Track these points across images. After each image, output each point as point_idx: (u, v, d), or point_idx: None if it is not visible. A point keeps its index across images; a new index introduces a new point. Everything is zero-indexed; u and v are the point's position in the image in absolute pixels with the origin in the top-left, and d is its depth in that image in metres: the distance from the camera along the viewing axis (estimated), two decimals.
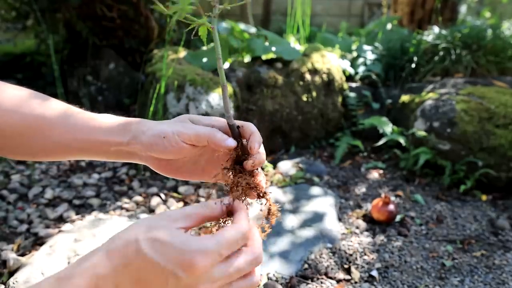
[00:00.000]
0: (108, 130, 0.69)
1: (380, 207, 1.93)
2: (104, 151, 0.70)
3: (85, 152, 0.71)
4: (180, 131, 0.65)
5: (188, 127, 0.65)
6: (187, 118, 0.69)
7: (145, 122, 0.69)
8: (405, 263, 1.67)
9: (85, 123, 0.70)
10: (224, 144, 0.64)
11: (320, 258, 1.68)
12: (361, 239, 1.82)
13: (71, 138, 0.69)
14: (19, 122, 0.67)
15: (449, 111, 2.39)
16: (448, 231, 1.91)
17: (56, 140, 0.69)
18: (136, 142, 0.68)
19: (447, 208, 2.11)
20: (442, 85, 2.75)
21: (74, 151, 0.71)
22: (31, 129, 0.68)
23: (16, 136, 0.68)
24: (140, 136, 0.67)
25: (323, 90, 2.89)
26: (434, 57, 3.12)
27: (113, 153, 0.71)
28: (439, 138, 2.38)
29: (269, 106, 2.67)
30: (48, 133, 0.68)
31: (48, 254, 1.56)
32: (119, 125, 0.69)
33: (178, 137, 0.65)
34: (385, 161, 2.71)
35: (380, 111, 2.99)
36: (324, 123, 2.94)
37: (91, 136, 0.69)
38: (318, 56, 2.95)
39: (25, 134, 0.68)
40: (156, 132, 0.65)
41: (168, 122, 0.68)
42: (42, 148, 0.70)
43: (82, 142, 0.70)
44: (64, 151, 0.71)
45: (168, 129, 0.65)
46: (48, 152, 0.71)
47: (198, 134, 0.65)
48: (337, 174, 2.50)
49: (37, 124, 0.68)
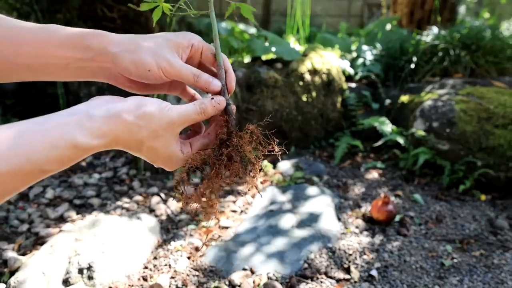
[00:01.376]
0: (62, 44, 0.61)
1: (379, 207, 1.92)
2: (59, 68, 0.63)
3: (35, 71, 0.62)
4: (166, 69, 0.63)
5: (174, 65, 0.63)
6: (170, 46, 0.64)
7: (106, 35, 0.62)
8: (404, 262, 1.67)
9: (32, 34, 0.59)
10: (210, 87, 0.66)
11: (320, 257, 1.67)
12: (360, 239, 1.82)
13: (14, 52, 0.59)
14: None
15: (448, 111, 2.39)
16: (447, 230, 1.91)
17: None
18: (106, 60, 0.62)
19: (446, 208, 2.10)
20: (441, 86, 2.75)
21: (21, 69, 0.61)
22: None
23: None
24: (109, 54, 0.62)
25: (322, 90, 2.89)
26: (433, 57, 3.11)
27: (72, 70, 0.63)
28: (438, 138, 2.38)
29: (269, 106, 2.66)
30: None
31: (49, 253, 1.56)
32: (74, 37, 0.61)
33: (163, 73, 0.63)
34: (385, 161, 2.71)
35: (380, 111, 2.99)
36: (323, 123, 2.93)
37: (41, 50, 0.60)
38: (317, 56, 2.94)
39: None
40: (139, 61, 0.62)
41: (149, 48, 0.62)
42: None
43: (30, 58, 0.60)
44: (8, 69, 0.61)
45: (153, 62, 0.62)
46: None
47: (184, 75, 0.64)
48: (337, 174, 2.50)
49: None
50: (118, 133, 0.55)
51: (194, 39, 0.67)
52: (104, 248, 1.58)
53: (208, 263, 1.64)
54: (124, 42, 0.62)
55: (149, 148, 0.59)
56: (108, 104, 0.56)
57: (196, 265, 1.63)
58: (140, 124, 0.57)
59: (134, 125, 0.56)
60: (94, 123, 0.53)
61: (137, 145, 0.58)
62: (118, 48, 0.61)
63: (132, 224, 1.79)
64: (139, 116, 0.56)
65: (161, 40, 0.63)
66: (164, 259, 1.67)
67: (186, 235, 1.85)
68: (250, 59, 2.86)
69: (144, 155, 0.61)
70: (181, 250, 1.72)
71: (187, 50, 0.66)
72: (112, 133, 0.55)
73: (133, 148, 0.59)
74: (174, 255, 1.70)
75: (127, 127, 0.56)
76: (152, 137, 0.58)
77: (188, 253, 1.71)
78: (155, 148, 0.60)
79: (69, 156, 0.52)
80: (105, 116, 0.54)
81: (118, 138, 0.56)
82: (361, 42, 3.81)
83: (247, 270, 1.59)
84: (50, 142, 0.49)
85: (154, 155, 0.61)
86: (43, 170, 0.50)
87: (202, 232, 1.87)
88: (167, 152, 0.61)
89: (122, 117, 0.55)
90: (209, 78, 0.66)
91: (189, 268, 1.61)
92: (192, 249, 1.74)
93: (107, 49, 0.61)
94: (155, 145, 0.59)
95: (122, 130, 0.56)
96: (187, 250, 1.73)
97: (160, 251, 1.72)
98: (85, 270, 1.49)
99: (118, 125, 0.55)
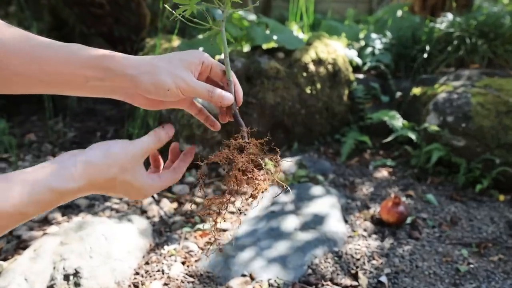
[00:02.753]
0: (83, 64, 0.70)
1: (389, 208, 1.92)
2: (77, 85, 0.71)
3: (54, 86, 0.71)
4: (184, 88, 0.74)
5: (190, 83, 0.74)
6: (184, 65, 0.75)
7: (124, 57, 0.72)
8: (416, 268, 1.66)
9: (53, 52, 0.68)
10: (223, 101, 0.79)
11: (325, 263, 1.67)
12: (369, 243, 1.82)
13: (37, 69, 0.67)
14: None
15: (464, 105, 2.38)
16: (463, 233, 1.91)
17: (16, 70, 0.66)
18: (124, 81, 0.72)
19: (462, 209, 2.10)
20: (456, 77, 2.74)
21: (41, 85, 0.70)
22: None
23: None
24: (127, 76, 0.72)
25: (328, 82, 2.88)
26: (448, 46, 3.10)
27: (90, 88, 0.72)
28: (453, 134, 2.37)
29: (270, 99, 2.66)
30: (6, 61, 0.66)
31: (32, 258, 1.55)
32: (94, 58, 0.70)
33: (181, 92, 0.74)
34: (395, 158, 2.71)
35: (390, 104, 2.98)
36: (329, 117, 2.93)
37: (62, 68, 0.68)
38: (322, 45, 2.94)
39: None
40: (158, 82, 0.72)
41: (166, 69, 0.73)
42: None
43: (51, 75, 0.68)
44: (28, 83, 0.69)
45: (172, 82, 0.73)
46: (6, 84, 0.68)
47: (200, 92, 0.76)
48: (343, 173, 2.50)
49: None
50: (91, 176, 0.65)
51: (203, 57, 0.79)
52: (92, 253, 1.58)
53: (204, 269, 1.63)
54: (141, 65, 0.72)
55: (122, 182, 0.69)
56: (76, 156, 0.66)
57: (191, 271, 1.63)
58: (109, 163, 0.67)
59: (104, 165, 0.67)
60: (67, 170, 0.63)
61: (110, 183, 0.68)
62: (137, 71, 0.72)
63: (122, 226, 1.79)
64: (106, 157, 0.67)
65: (175, 60, 0.75)
66: (156, 265, 1.66)
67: (180, 238, 1.84)
68: (249, 48, 2.85)
69: (118, 190, 0.71)
70: (175, 255, 1.72)
71: (199, 67, 0.78)
72: (86, 176, 0.65)
73: (107, 187, 0.69)
74: (167, 260, 1.69)
75: (98, 169, 0.66)
76: (122, 171, 0.69)
77: (183, 257, 1.71)
78: (127, 180, 0.70)
79: (48, 200, 0.61)
80: (77, 165, 0.65)
81: (92, 180, 0.65)
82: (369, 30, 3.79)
83: (246, 276, 1.59)
84: (29, 185, 0.59)
85: (128, 188, 0.71)
86: (22, 213, 0.58)
87: (197, 235, 1.87)
88: (139, 183, 0.72)
89: (92, 162, 0.66)
90: (222, 92, 0.78)
91: (184, 274, 1.61)
92: (186, 253, 1.73)
93: (124, 71, 0.71)
94: (126, 178, 0.70)
95: (94, 172, 0.66)
96: (182, 254, 1.72)
97: (152, 256, 1.72)
98: (71, 276, 1.48)
99: (90, 169, 0.65)
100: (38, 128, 3.10)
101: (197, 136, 2.46)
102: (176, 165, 0.82)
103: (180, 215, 2.04)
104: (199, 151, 2.50)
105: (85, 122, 3.23)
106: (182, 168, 0.81)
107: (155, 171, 0.84)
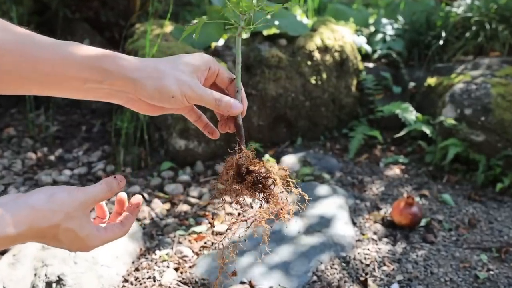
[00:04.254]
0: (79, 65, 0.69)
1: (402, 209, 1.92)
2: (73, 88, 0.72)
3: (48, 87, 0.71)
4: (189, 96, 0.75)
5: (197, 91, 0.75)
6: (191, 70, 0.76)
7: (123, 58, 0.72)
8: (431, 275, 1.66)
9: (48, 51, 0.68)
10: (232, 110, 0.79)
11: (331, 269, 1.67)
12: (379, 247, 1.82)
13: (30, 69, 0.67)
14: None
15: (483, 96, 2.37)
16: (482, 237, 1.90)
17: (6, 69, 0.66)
18: (124, 85, 0.72)
19: (481, 210, 2.10)
20: (475, 66, 2.73)
21: (34, 85, 0.70)
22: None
23: None
24: (128, 79, 0.72)
25: (334, 72, 2.88)
26: (466, 32, 3.09)
27: (86, 91, 0.73)
28: (471, 128, 2.36)
29: (272, 90, 2.65)
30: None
31: (11, 264, 1.55)
32: (91, 59, 0.70)
33: (186, 99, 0.75)
34: (408, 154, 2.70)
35: (402, 96, 2.97)
36: (336, 110, 2.92)
37: (57, 68, 0.68)
38: (329, 31, 2.92)
39: None
40: (162, 88, 0.73)
41: (171, 74, 0.73)
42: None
43: (45, 76, 0.68)
44: (19, 84, 0.69)
45: (177, 89, 0.73)
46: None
47: (206, 100, 0.76)
48: (351, 170, 2.50)
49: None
50: (33, 222, 0.66)
51: (210, 61, 0.80)
52: (76, 258, 1.57)
53: (199, 275, 1.63)
54: (144, 68, 0.73)
55: (65, 229, 0.69)
56: (18, 199, 0.67)
57: (185, 278, 1.63)
58: (54, 209, 0.68)
59: (48, 211, 0.67)
60: (7, 213, 0.64)
61: (53, 231, 0.69)
62: (140, 74, 0.72)
63: None
64: (51, 202, 0.68)
65: (181, 65, 0.75)
66: (147, 271, 1.66)
67: (173, 242, 1.84)
68: (249, 35, 2.84)
69: (60, 239, 0.71)
70: (167, 260, 1.72)
71: (205, 73, 0.79)
72: (27, 222, 0.65)
73: (49, 235, 0.69)
74: (159, 266, 1.69)
75: (42, 213, 0.67)
76: (67, 219, 0.69)
77: (176, 263, 1.70)
78: (71, 229, 0.70)
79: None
80: (18, 209, 0.66)
81: (33, 226, 0.66)
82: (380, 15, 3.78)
83: (245, 283, 1.58)
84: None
85: (71, 237, 0.71)
86: None
87: (192, 238, 1.87)
88: (84, 232, 0.72)
89: (35, 207, 0.67)
90: (230, 101, 0.79)
91: (177, 281, 1.61)
92: (180, 258, 1.73)
93: (126, 74, 0.72)
94: (71, 226, 0.70)
95: (37, 217, 0.66)
96: (175, 260, 1.72)
97: (142, 261, 1.72)
98: (54, 284, 1.48)
99: (33, 214, 0.66)
100: (17, 121, 3.09)
101: (192, 131, 2.45)
102: (124, 218, 0.82)
103: (173, 217, 2.04)
104: (194, 147, 2.49)
105: (69, 115, 3.22)
106: (130, 221, 0.82)
107: (99, 222, 0.85)
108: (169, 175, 2.40)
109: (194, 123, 0.88)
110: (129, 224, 0.82)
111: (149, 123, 2.57)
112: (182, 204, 2.14)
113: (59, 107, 3.28)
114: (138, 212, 0.85)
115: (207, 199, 2.17)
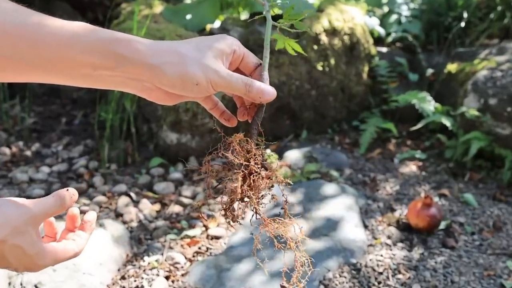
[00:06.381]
0: (88, 50, 0.68)
1: (419, 211, 1.91)
2: (81, 75, 0.70)
3: (53, 74, 0.70)
4: (216, 82, 0.73)
5: (224, 76, 0.74)
6: (215, 54, 0.74)
7: (137, 41, 0.71)
8: (451, 284, 1.66)
9: (53, 32, 0.66)
10: (264, 97, 0.78)
11: (340, 277, 1.67)
12: (394, 253, 1.81)
13: (31, 53, 0.65)
14: None
15: (509, 84, 2.37)
16: (508, 242, 1.90)
17: (8, 54, 0.65)
18: (140, 73, 0.71)
19: (507, 212, 2.09)
20: (500, 50, 2.72)
21: (37, 71, 0.68)
22: None
23: None
24: (145, 66, 0.70)
25: (344, 57, 2.87)
26: (490, 13, 3.09)
27: (96, 78, 0.71)
28: (496, 120, 2.36)
29: (274, 77, 2.64)
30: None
31: None
32: (102, 42, 0.69)
33: (212, 87, 0.74)
34: (426, 150, 2.70)
35: (419, 84, 2.97)
36: (345, 99, 2.92)
37: (63, 52, 0.67)
38: (337, 12, 2.92)
39: None
40: (186, 75, 0.71)
41: (195, 59, 0.72)
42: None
43: (49, 61, 0.67)
44: (21, 69, 0.68)
45: (202, 75, 0.72)
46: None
47: (235, 86, 0.75)
48: (363, 167, 2.49)
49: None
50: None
51: (235, 44, 0.78)
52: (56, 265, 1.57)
53: (192, 284, 1.63)
54: (164, 52, 0.71)
55: (12, 246, 0.68)
56: None
57: (176, 287, 1.63)
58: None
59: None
60: None
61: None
62: (158, 60, 0.71)
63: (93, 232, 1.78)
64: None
65: (204, 48, 0.74)
66: (134, 279, 1.66)
67: (164, 247, 1.84)
68: (248, 16, 2.83)
69: (7, 256, 0.69)
70: (157, 267, 1.72)
71: (230, 57, 0.78)
72: None
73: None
74: (148, 274, 1.69)
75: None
76: (14, 234, 0.68)
77: (167, 271, 1.70)
78: (19, 245, 0.69)
79: None
80: None
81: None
82: None
83: None
84: None
85: (19, 254, 0.70)
86: None
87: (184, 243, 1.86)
88: (33, 250, 0.71)
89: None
90: (261, 86, 0.78)
91: None
92: (171, 265, 1.73)
93: (143, 60, 0.70)
94: (19, 243, 0.69)
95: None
96: (165, 267, 1.72)
97: (129, 269, 1.72)
98: None
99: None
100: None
101: (185, 123, 2.44)
102: (77, 236, 0.82)
103: (164, 219, 2.04)
104: (187, 141, 2.49)
105: (48, 106, 3.21)
106: (84, 239, 0.82)
107: (48, 240, 0.84)
108: (159, 173, 2.40)
109: (210, 111, 0.87)
110: (83, 242, 0.81)
111: (137, 114, 2.57)
112: (173, 205, 2.14)
113: (36, 96, 3.28)
114: (92, 230, 0.85)
115: (202, 199, 2.17)
